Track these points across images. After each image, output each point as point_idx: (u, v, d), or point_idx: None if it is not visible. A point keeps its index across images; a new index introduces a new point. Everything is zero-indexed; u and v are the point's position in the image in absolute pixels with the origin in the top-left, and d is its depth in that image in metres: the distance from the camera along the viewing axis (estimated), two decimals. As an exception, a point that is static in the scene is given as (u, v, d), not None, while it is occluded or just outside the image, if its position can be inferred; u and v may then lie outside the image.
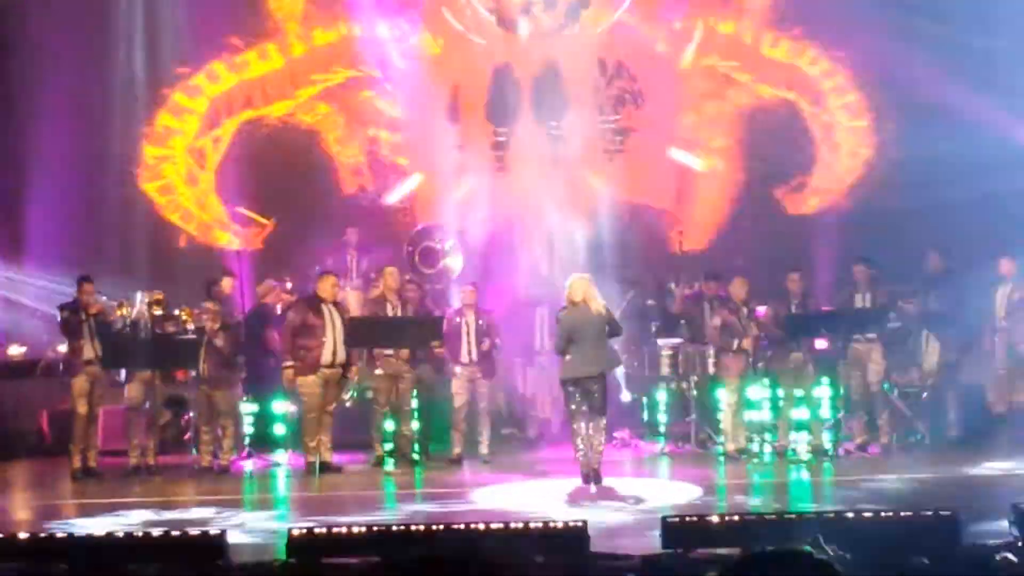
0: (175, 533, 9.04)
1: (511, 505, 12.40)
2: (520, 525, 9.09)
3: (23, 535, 9.23)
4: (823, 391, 15.06)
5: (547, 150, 19.09)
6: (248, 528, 11.45)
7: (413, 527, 9.17)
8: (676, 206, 19.51)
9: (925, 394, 15.58)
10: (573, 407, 13.23)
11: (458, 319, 15.36)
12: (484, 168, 19.31)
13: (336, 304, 15.01)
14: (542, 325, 16.30)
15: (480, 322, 15.29)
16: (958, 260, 15.86)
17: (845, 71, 19.56)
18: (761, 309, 15.58)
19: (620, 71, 19.70)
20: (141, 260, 17.61)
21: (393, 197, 19.48)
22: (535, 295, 16.56)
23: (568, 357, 13.25)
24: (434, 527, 9.22)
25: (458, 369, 15.28)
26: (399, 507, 12.88)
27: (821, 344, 15.31)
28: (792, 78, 19.72)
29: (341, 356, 14.84)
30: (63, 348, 15.05)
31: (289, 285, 17.13)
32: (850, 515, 9.41)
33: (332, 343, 14.73)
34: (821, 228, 18.46)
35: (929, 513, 9.25)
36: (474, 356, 15.22)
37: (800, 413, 14.98)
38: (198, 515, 12.10)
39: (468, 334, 15.25)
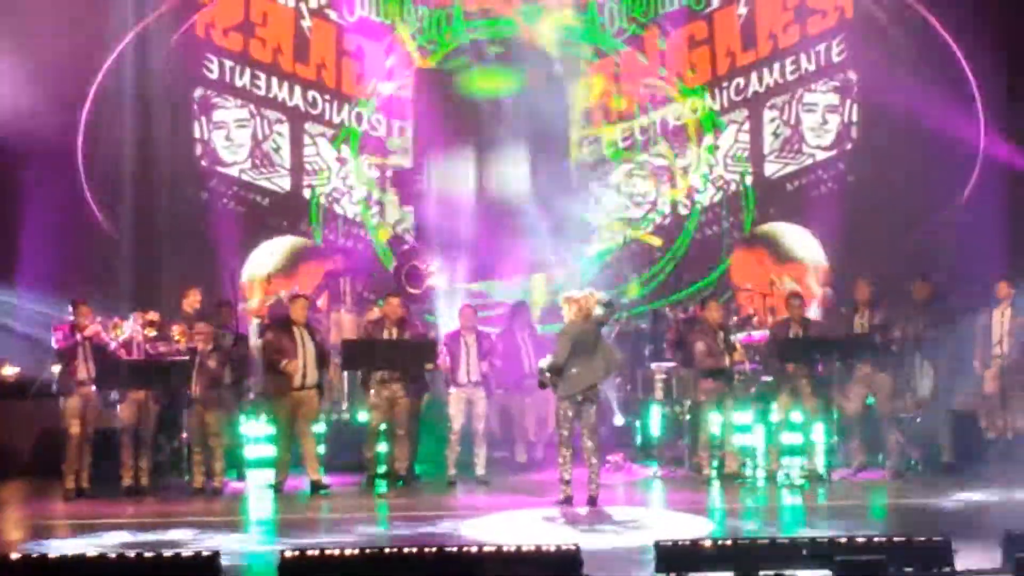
0: (168, 554, 9.02)
1: (504, 528, 12.40)
2: (513, 548, 9.08)
3: (15, 556, 9.20)
4: (818, 415, 15.06)
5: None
6: (241, 550, 11.44)
7: (406, 550, 9.16)
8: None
9: (919, 419, 15.57)
10: (567, 427, 13.25)
11: (457, 340, 15.39)
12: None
13: (307, 326, 15.11)
14: (527, 348, 16.35)
15: (481, 343, 15.35)
16: (945, 285, 15.86)
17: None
18: (756, 334, 15.62)
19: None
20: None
21: None
22: (519, 319, 16.69)
23: (572, 372, 13.27)
24: (427, 550, 9.21)
25: (455, 390, 15.32)
26: (392, 529, 12.87)
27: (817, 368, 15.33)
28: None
29: (312, 378, 14.96)
30: (56, 369, 15.02)
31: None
32: (843, 540, 9.41)
33: (303, 365, 14.82)
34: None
35: (922, 539, 9.25)
36: (473, 377, 15.25)
37: (794, 437, 15.01)
38: (191, 536, 12.08)
39: (468, 355, 15.29)
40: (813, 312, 17.67)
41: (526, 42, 19.27)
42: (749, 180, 19.48)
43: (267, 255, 18.94)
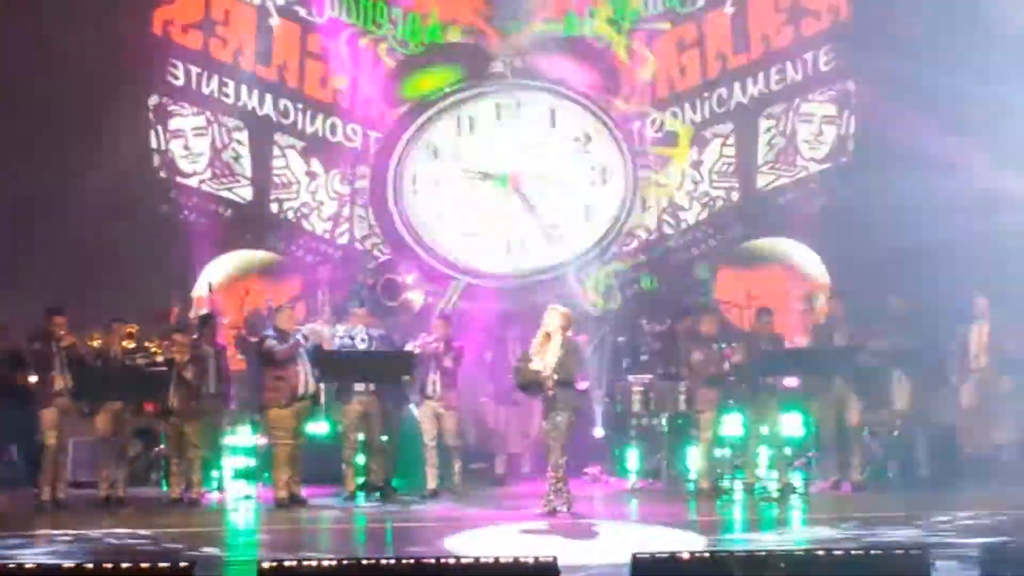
0: (144, 565, 8.98)
1: (481, 540, 12.39)
2: (491, 560, 9.07)
3: (-9, 566, 9.17)
4: (793, 428, 15.11)
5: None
6: (218, 561, 11.41)
7: (384, 562, 9.14)
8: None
9: (895, 433, 15.61)
10: (564, 440, 13.46)
11: (428, 352, 15.33)
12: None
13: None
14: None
15: (449, 356, 15.27)
16: (923, 302, 15.89)
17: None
18: (732, 347, 15.67)
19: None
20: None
21: None
22: (511, 330, 16.68)
23: (577, 385, 13.70)
24: (404, 562, 9.20)
25: (425, 403, 15.26)
26: (370, 541, 12.86)
27: (791, 382, 15.36)
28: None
29: (312, 386, 14.89)
30: (33, 379, 14.95)
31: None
32: (820, 553, 9.41)
33: (305, 373, 14.76)
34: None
35: (899, 552, 9.27)
36: (438, 389, 15.19)
37: (770, 450, 15.05)
38: (168, 548, 12.05)
39: (437, 367, 15.23)
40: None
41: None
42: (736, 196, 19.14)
43: (231, 268, 18.57)
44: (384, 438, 15.17)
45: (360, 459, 15.07)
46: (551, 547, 11.67)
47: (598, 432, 16.60)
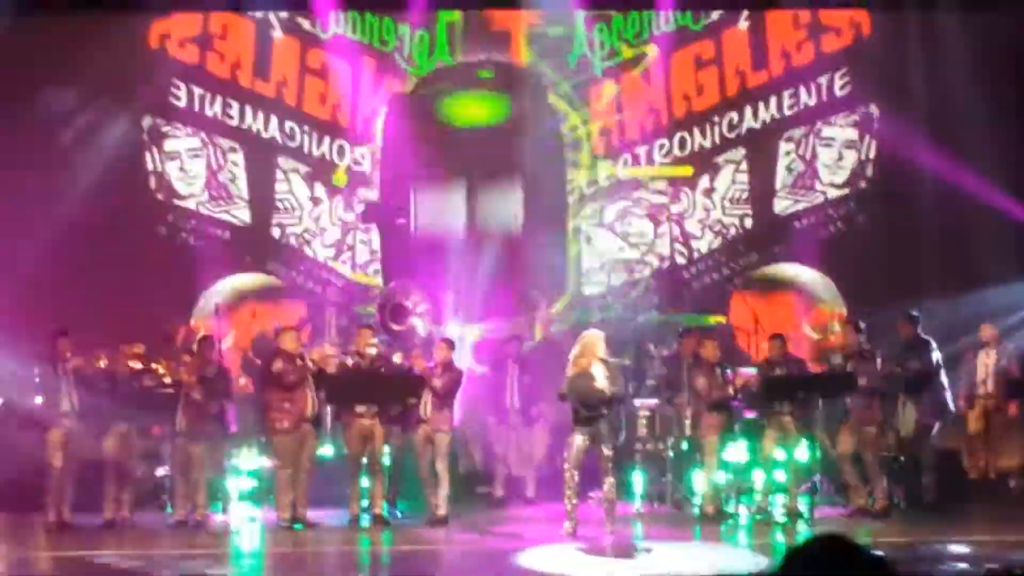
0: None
1: (480, 565, 12.38)
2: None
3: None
4: (801, 453, 15.07)
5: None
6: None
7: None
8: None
9: (901, 458, 15.58)
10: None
11: (418, 371, 15.25)
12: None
13: (302, 358, 14.96)
14: (512, 383, 16.33)
15: (441, 379, 15.06)
16: (928, 326, 15.87)
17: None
18: (745, 371, 15.65)
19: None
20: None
21: None
22: (505, 352, 16.70)
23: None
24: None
25: (420, 426, 15.15)
26: (373, 565, 12.85)
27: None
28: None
29: (315, 408, 14.84)
30: (39, 400, 14.97)
31: None
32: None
33: (311, 395, 14.74)
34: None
35: (903, 579, 9.27)
36: (429, 411, 15.01)
37: (777, 475, 15.03)
38: (172, 570, 12.04)
39: (429, 389, 15.10)
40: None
41: (519, 67, 18.78)
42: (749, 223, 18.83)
43: (238, 289, 18.44)
44: (387, 461, 15.08)
45: (364, 482, 14.98)
46: (553, 572, 11.67)
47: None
